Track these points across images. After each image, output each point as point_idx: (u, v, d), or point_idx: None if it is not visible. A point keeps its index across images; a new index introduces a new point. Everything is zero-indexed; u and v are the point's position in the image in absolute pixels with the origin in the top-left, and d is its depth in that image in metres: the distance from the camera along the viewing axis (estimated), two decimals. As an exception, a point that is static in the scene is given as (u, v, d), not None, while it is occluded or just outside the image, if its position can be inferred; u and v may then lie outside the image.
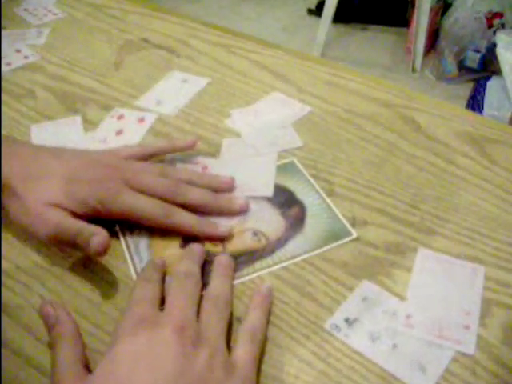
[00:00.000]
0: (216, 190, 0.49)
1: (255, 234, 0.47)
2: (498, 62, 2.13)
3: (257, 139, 0.57)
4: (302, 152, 0.55)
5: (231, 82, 0.68)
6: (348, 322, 0.39)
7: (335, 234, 0.46)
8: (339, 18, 2.62)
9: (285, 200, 0.50)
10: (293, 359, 0.37)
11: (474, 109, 2.09)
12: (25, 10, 0.88)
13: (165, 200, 0.45)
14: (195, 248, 0.44)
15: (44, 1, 0.91)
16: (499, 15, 2.37)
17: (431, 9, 2.39)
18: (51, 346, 0.37)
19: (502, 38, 2.01)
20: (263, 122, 0.60)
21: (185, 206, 0.46)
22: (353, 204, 0.49)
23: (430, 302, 0.40)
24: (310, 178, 0.52)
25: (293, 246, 0.46)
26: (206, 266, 0.43)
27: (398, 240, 0.46)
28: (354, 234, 0.46)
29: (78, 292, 0.42)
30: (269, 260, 0.44)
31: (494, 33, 2.32)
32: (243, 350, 0.35)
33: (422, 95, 0.66)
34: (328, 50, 2.65)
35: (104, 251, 0.41)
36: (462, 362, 0.37)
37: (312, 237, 0.46)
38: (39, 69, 0.72)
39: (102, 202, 0.44)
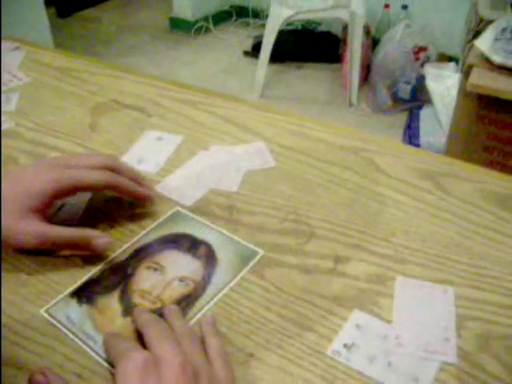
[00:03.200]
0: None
1: (181, 280, 0.53)
2: (427, 92, 2.29)
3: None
4: (281, 199, 0.61)
5: (202, 137, 0.73)
6: (346, 347, 0.45)
7: (246, 257, 0.54)
8: (275, 58, 2.73)
9: (190, 244, 0.57)
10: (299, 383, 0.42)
11: (410, 137, 2.22)
12: (-12, 76, 0.91)
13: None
14: (140, 309, 0.49)
15: (7, 65, 0.94)
16: (424, 49, 2.54)
17: (362, 45, 2.54)
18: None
19: (429, 71, 2.16)
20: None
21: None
22: (333, 243, 0.56)
23: (413, 322, 0.47)
24: (199, 219, 0.59)
25: (217, 279, 0.52)
26: None
27: (377, 271, 0.52)
28: (261, 252, 0.54)
29: None
30: (205, 297, 0.51)
31: (422, 65, 2.49)
32: (224, 371, 0.41)
33: (377, 137, 0.73)
34: (267, 89, 2.76)
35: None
36: (447, 371, 0.43)
37: (228, 267, 0.54)
38: (16, 135, 0.75)
39: (59, 182, 0.53)
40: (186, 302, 0.50)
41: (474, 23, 2.08)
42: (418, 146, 2.13)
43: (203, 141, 0.72)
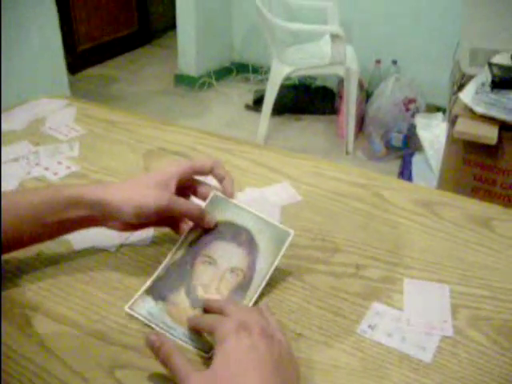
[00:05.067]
0: None
1: (232, 271, 0.62)
2: (418, 140, 2.48)
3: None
4: (310, 224, 0.77)
5: (238, 177, 0.89)
6: (370, 327, 0.60)
7: (279, 240, 0.64)
8: (275, 111, 2.91)
9: (232, 232, 0.65)
10: (339, 352, 0.57)
11: (404, 182, 2.40)
12: (50, 128, 1.07)
13: None
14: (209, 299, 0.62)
15: (65, 120, 1.10)
16: (413, 101, 2.75)
17: (356, 98, 2.75)
18: (164, 361, 0.52)
19: (419, 121, 2.36)
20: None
21: None
22: (353, 255, 0.71)
23: (419, 309, 0.62)
24: (235, 201, 0.68)
25: (260, 264, 0.63)
26: None
27: (388, 275, 0.68)
28: (292, 232, 0.65)
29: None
30: (254, 285, 0.62)
31: (412, 115, 2.69)
32: (284, 339, 0.55)
33: (381, 176, 0.90)
34: (269, 141, 2.93)
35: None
36: (446, 341, 0.58)
37: (267, 251, 0.64)
38: (83, 176, 0.90)
39: (180, 166, 0.68)
40: (239, 291, 0.62)
41: (457, 77, 2.29)
42: (411, 189, 2.29)
43: (241, 181, 0.88)
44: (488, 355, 0.57)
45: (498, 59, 1.79)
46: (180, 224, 0.69)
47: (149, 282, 0.65)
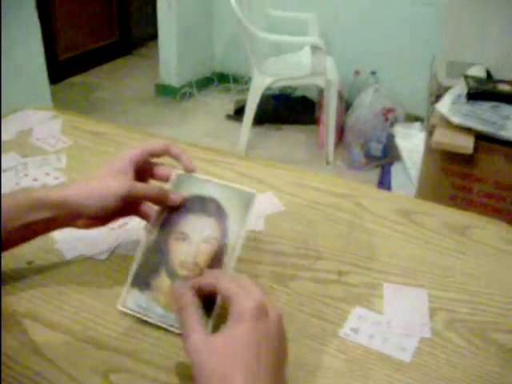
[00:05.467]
0: None
1: (205, 241, 0.63)
2: (397, 150, 2.53)
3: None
4: (293, 233, 0.80)
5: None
6: (353, 330, 0.63)
7: (245, 202, 0.65)
8: (255, 120, 2.95)
9: (200, 204, 0.66)
10: (324, 354, 0.60)
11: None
12: (37, 139, 1.09)
13: None
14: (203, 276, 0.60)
15: (51, 131, 1.12)
16: (392, 110, 2.81)
17: (336, 108, 2.80)
18: (178, 312, 0.54)
19: (398, 131, 2.42)
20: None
21: None
22: (336, 262, 0.74)
23: (399, 312, 0.65)
24: (198, 176, 0.69)
25: (232, 228, 0.64)
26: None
27: (369, 280, 0.71)
28: (254, 192, 0.66)
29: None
30: (229, 250, 0.62)
31: (391, 125, 2.75)
32: None
33: (362, 185, 0.93)
34: (250, 150, 2.96)
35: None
36: (424, 343, 0.61)
37: (235, 215, 0.64)
38: (71, 188, 0.93)
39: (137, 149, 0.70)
40: (218, 256, 0.62)
41: (435, 88, 2.36)
42: (390, 198, 2.34)
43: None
44: (463, 355, 0.60)
45: (474, 71, 1.85)
46: (143, 208, 0.69)
47: (131, 274, 0.65)
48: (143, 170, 0.72)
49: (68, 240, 0.76)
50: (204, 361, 0.49)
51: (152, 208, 0.69)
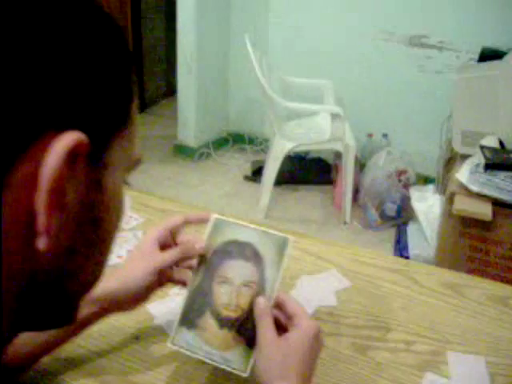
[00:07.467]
0: None
1: (245, 284, 0.68)
2: (411, 210, 2.67)
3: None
4: (361, 306, 0.93)
5: (292, 265, 1.04)
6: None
7: (280, 246, 0.70)
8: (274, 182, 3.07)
9: (237, 249, 0.70)
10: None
11: (401, 250, 2.58)
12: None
13: None
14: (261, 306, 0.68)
15: (124, 211, 1.26)
16: (404, 172, 2.96)
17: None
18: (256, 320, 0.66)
19: (414, 193, 2.57)
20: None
21: None
22: (402, 333, 0.87)
23: (464, 377, 0.78)
24: (235, 221, 0.73)
25: (268, 273, 0.69)
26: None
27: (433, 349, 0.84)
28: (289, 237, 0.71)
29: None
30: (268, 292, 0.68)
31: (404, 186, 2.90)
32: None
33: (411, 261, 1.07)
34: (269, 212, 3.03)
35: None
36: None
37: (271, 259, 0.69)
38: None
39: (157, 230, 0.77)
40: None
41: (448, 153, 2.52)
42: (407, 258, 2.46)
43: (291, 270, 1.03)
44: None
45: (487, 141, 2.01)
46: (175, 276, 0.75)
47: (180, 314, 0.71)
48: (168, 245, 0.77)
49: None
50: (273, 351, 0.63)
51: (183, 272, 0.75)
